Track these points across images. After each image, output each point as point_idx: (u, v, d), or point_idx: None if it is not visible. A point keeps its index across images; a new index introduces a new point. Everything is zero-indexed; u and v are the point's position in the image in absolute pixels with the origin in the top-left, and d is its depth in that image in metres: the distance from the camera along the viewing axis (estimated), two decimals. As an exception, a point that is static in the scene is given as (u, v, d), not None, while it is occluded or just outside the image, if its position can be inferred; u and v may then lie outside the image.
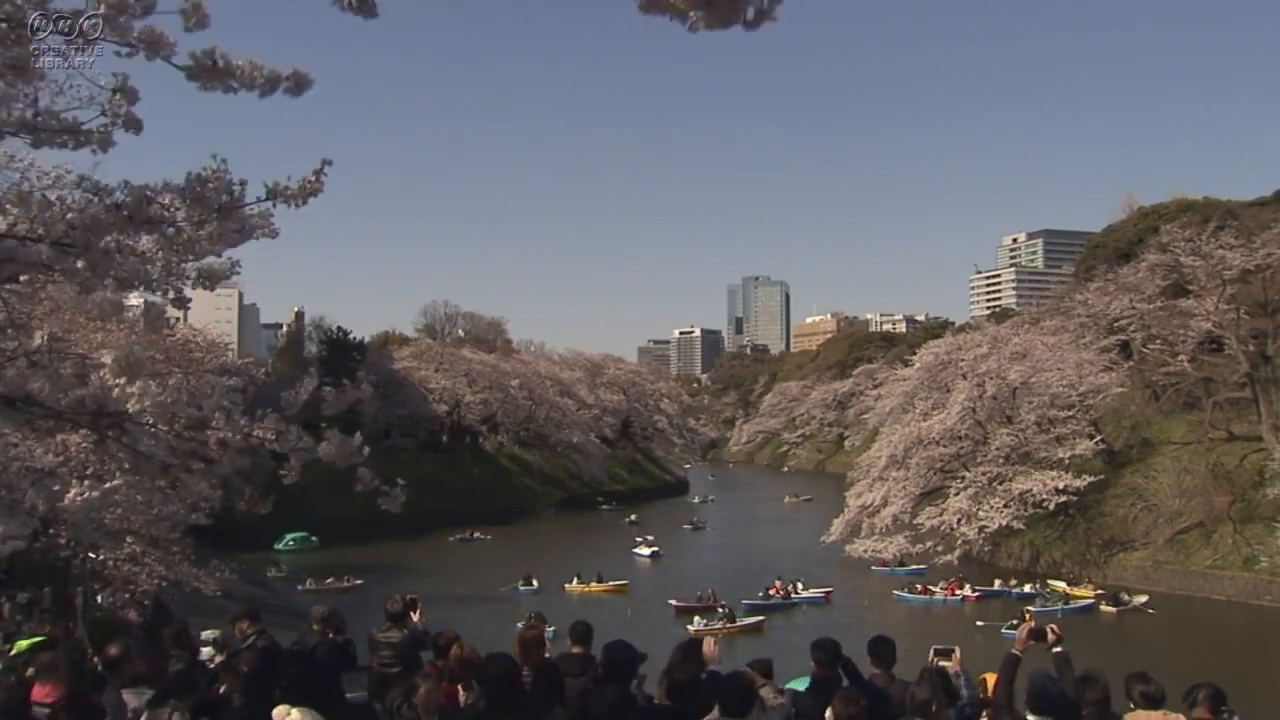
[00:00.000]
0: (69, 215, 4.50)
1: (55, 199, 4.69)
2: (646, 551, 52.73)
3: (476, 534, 57.55)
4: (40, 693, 5.66)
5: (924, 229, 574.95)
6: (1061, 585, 40.72)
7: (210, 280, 5.50)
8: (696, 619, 33.37)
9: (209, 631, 7.89)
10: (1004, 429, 46.46)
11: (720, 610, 34.82)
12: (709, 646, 6.12)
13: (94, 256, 4.53)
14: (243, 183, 4.90)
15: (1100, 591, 39.18)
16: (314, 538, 52.17)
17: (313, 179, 4.98)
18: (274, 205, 4.97)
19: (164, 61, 4.43)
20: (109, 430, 5.68)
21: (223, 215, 4.82)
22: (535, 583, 41.57)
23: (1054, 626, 6.74)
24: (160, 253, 4.91)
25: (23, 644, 8.12)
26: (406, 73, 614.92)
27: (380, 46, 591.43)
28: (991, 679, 7.15)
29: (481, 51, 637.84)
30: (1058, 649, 6.41)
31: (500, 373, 79.26)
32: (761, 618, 35.73)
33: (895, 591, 41.55)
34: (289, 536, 51.48)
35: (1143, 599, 37.08)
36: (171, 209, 4.71)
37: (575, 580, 42.73)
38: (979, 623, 34.25)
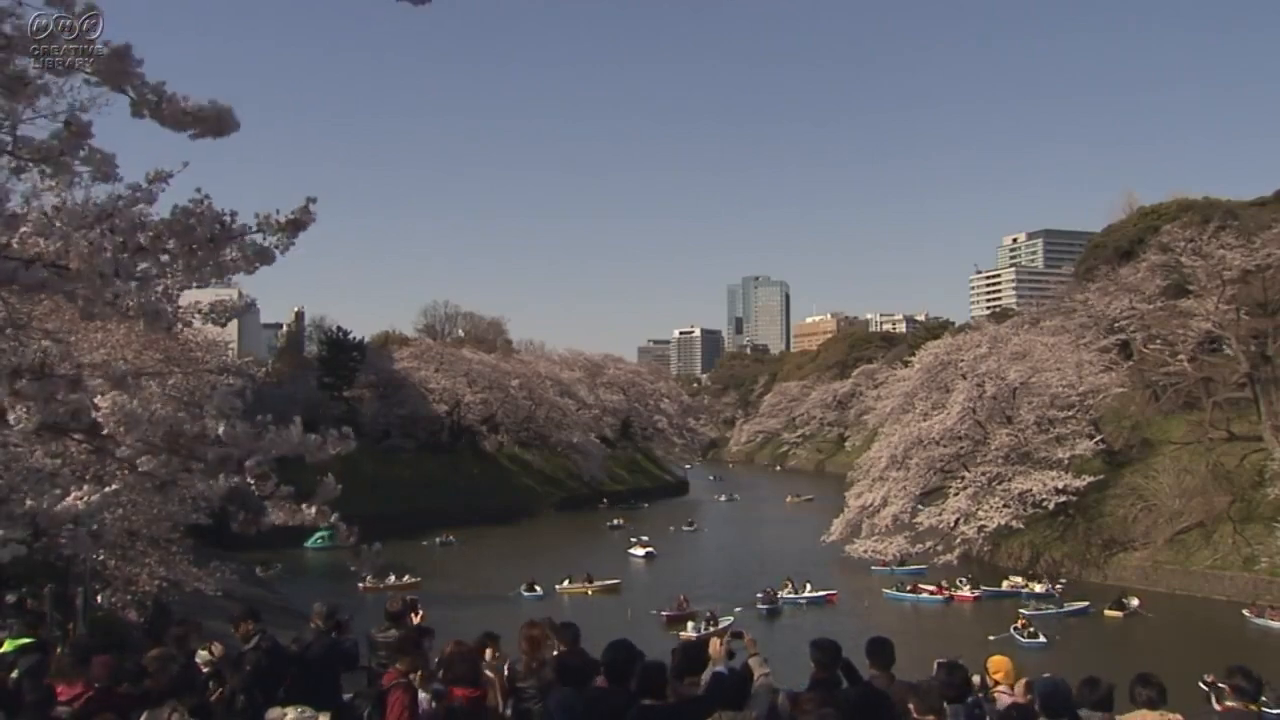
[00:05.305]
0: (66, 237, 4.46)
1: (57, 219, 4.64)
2: (641, 552, 52.54)
3: (451, 537, 56.49)
4: (60, 692, 5.80)
5: (924, 229, 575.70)
6: (1018, 579, 41.23)
7: (220, 315, 5.52)
8: (689, 624, 33.51)
9: (203, 652, 7.88)
10: (1004, 429, 46.45)
11: (706, 614, 34.98)
12: (715, 648, 6.18)
13: (92, 283, 4.47)
14: (233, 214, 4.85)
15: (1058, 587, 39.39)
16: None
17: (302, 213, 4.95)
18: (265, 238, 4.92)
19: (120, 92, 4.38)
20: (105, 442, 5.68)
21: (214, 246, 4.80)
22: (539, 589, 41.00)
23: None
24: (159, 278, 4.88)
25: (14, 643, 8.10)
26: (407, 71, 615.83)
27: (381, 46, 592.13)
28: (997, 663, 7.22)
29: (481, 51, 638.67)
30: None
31: (500, 373, 79.19)
32: (730, 618, 35.87)
33: (885, 590, 41.63)
34: (319, 533, 50.75)
35: (1134, 602, 36.91)
36: (162, 239, 4.67)
37: (567, 581, 42.54)
38: (990, 637, 33.35)
